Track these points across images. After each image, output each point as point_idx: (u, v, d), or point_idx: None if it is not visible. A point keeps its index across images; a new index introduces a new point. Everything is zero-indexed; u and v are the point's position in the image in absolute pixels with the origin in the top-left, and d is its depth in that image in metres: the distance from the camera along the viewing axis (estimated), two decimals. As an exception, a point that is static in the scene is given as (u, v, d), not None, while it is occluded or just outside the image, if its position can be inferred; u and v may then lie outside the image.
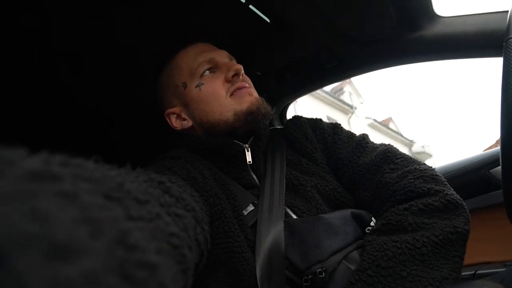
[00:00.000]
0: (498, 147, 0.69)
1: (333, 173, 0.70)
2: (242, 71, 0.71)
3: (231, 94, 0.69)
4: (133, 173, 0.34)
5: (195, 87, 0.70)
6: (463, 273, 1.04)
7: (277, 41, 0.99)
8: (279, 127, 0.83)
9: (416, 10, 0.85)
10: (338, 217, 0.60)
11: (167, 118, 0.73)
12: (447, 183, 0.59)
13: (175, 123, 0.73)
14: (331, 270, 0.52)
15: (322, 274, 0.52)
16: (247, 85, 0.71)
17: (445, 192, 0.55)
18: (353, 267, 0.53)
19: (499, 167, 0.98)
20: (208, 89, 0.69)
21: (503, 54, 0.60)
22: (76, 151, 0.24)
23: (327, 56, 1.04)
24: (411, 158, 0.65)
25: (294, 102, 1.37)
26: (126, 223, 0.22)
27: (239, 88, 0.69)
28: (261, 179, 0.67)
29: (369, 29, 0.93)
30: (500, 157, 0.60)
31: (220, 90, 0.69)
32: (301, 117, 0.80)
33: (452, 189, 0.58)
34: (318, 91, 13.52)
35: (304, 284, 0.52)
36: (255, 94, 0.72)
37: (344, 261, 0.54)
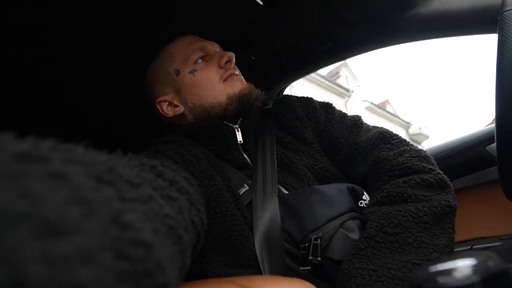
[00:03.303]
0: (493, 124, 0.69)
1: (326, 152, 0.72)
2: (234, 58, 0.73)
3: (224, 80, 0.71)
4: (124, 158, 0.34)
5: (189, 73, 0.71)
6: (460, 249, 1.07)
7: (272, 25, 0.98)
8: (268, 107, 0.83)
9: (411, -12, 0.84)
10: (332, 187, 0.62)
11: (158, 106, 0.73)
12: (436, 164, 0.63)
13: (167, 110, 0.73)
14: (327, 237, 0.54)
15: (317, 241, 0.53)
16: (238, 72, 0.74)
17: (437, 171, 0.60)
18: (351, 235, 0.55)
19: (495, 144, 0.99)
20: (202, 74, 0.71)
21: (497, 28, 0.59)
22: (68, 140, 0.24)
23: (322, 38, 1.03)
24: (405, 140, 0.69)
25: (290, 87, 1.36)
26: (119, 204, 0.21)
27: (231, 75, 0.72)
28: (253, 159, 0.69)
29: (364, 8, 0.91)
30: (495, 134, 0.61)
31: (214, 75, 0.71)
32: (290, 96, 0.81)
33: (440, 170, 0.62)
34: (314, 75, 13.42)
35: (301, 252, 0.54)
36: (245, 81, 0.74)
37: (341, 228, 0.56)
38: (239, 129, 0.70)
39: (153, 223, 0.24)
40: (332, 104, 0.80)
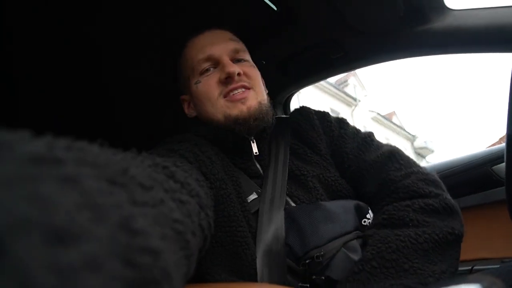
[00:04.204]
0: (502, 144, 0.68)
1: (337, 166, 0.71)
2: (236, 73, 0.67)
3: (224, 96, 0.67)
4: (138, 158, 0.34)
5: (194, 84, 0.71)
6: (460, 268, 1.05)
7: (283, 30, 0.98)
8: (285, 116, 0.83)
9: (425, 2, 0.84)
10: (338, 205, 0.61)
11: (182, 102, 0.78)
12: (445, 189, 0.61)
13: (187, 109, 0.77)
14: (329, 256, 0.53)
15: (319, 259, 0.53)
16: (242, 88, 0.68)
17: (444, 196, 0.58)
18: (352, 256, 0.54)
19: (502, 164, 0.97)
20: (203, 88, 0.69)
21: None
22: (86, 132, 0.24)
23: (333, 46, 1.03)
24: (414, 162, 0.68)
25: (297, 93, 1.36)
26: (129, 208, 0.21)
27: (233, 91, 0.67)
28: (265, 169, 0.68)
29: (376, 20, 0.91)
30: (505, 154, 0.60)
31: (213, 91, 0.68)
32: (309, 108, 0.80)
33: (449, 195, 0.60)
34: (322, 82, 13.41)
35: (301, 268, 0.53)
36: (250, 101, 0.67)
37: (343, 248, 0.55)
38: (255, 140, 0.70)
39: (162, 227, 0.24)
40: (346, 120, 0.79)
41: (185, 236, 0.29)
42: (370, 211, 0.64)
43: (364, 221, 0.61)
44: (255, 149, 0.68)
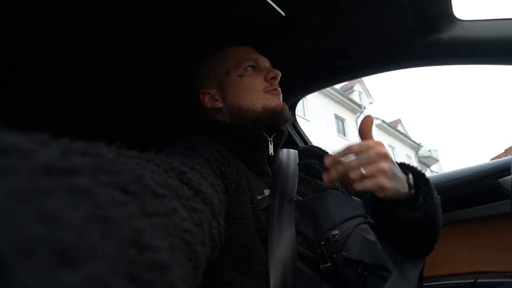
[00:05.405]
0: (508, 157, 0.68)
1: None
2: (279, 76, 0.80)
3: (266, 92, 0.77)
4: (155, 160, 0.33)
5: (237, 76, 0.79)
6: (462, 281, 1.04)
7: (290, 36, 0.98)
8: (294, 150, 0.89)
9: (434, 12, 0.83)
10: (347, 195, 0.66)
11: (200, 95, 0.81)
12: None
13: (207, 102, 0.81)
14: (344, 235, 0.55)
15: (335, 238, 0.54)
16: (280, 91, 0.81)
17: None
18: (367, 236, 0.56)
19: (508, 177, 0.96)
20: (248, 80, 0.78)
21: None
22: (86, 134, 0.24)
23: (339, 54, 1.03)
24: None
25: (303, 99, 1.36)
26: (140, 220, 0.21)
27: (273, 89, 0.78)
28: (275, 171, 0.74)
29: (384, 29, 0.91)
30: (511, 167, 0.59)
31: (258, 85, 0.78)
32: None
33: None
34: (328, 88, 13.39)
35: (318, 250, 0.54)
36: (282, 100, 0.81)
37: (357, 229, 0.57)
38: (272, 142, 0.77)
39: (171, 238, 0.24)
40: None
41: (194, 247, 0.28)
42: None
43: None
44: (271, 150, 0.75)
